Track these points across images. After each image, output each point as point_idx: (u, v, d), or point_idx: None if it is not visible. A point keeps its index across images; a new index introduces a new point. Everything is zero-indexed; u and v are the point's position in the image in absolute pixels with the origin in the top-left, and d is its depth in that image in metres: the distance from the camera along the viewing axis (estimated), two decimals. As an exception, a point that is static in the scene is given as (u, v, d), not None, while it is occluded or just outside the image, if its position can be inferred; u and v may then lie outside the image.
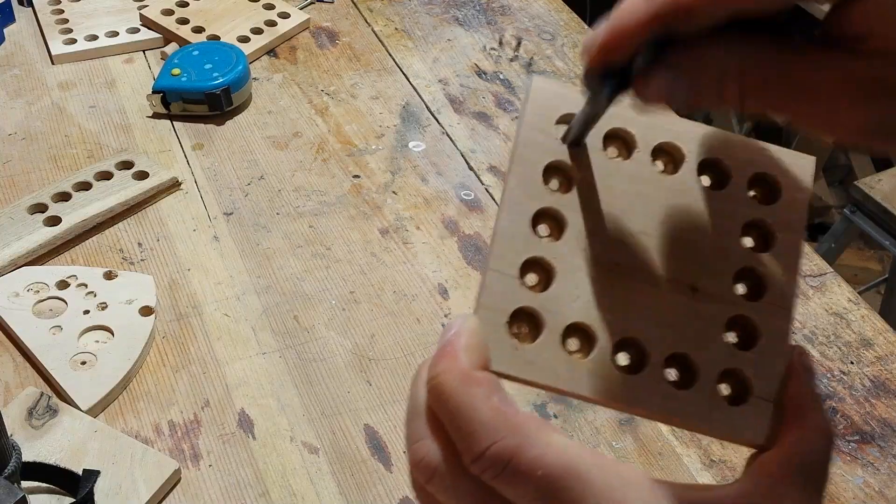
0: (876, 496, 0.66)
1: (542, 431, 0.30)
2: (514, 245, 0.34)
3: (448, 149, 0.94)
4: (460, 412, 0.30)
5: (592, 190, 0.36)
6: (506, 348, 0.33)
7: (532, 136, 0.36)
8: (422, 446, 0.32)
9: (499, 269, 0.34)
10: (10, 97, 0.95)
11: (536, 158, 0.35)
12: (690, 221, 0.36)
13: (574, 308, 0.34)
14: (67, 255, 0.79)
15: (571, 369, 0.33)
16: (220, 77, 0.93)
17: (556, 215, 0.35)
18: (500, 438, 0.30)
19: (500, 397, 0.31)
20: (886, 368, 0.75)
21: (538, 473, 0.29)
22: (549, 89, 0.36)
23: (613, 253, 0.35)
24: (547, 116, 0.36)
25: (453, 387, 0.31)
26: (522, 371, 0.33)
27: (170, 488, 0.63)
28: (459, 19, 1.12)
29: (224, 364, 0.72)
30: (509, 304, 0.34)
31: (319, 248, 0.82)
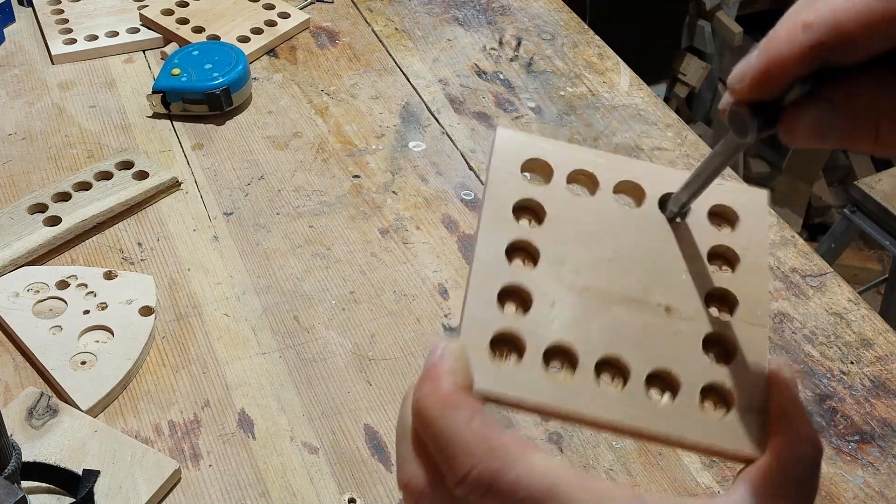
0: (876, 496, 0.66)
1: (524, 453, 0.30)
2: (491, 273, 0.36)
3: (448, 149, 0.94)
4: (442, 436, 0.31)
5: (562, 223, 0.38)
6: (489, 370, 0.34)
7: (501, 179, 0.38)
8: (408, 469, 0.32)
9: (478, 297, 0.36)
10: (10, 97, 0.95)
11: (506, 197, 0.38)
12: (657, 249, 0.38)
13: (553, 329, 0.35)
14: (67, 255, 0.79)
15: (555, 388, 0.34)
16: (220, 77, 0.93)
17: (529, 247, 0.37)
18: (481, 462, 0.30)
19: (481, 420, 0.31)
20: (886, 368, 0.75)
21: (520, 495, 0.30)
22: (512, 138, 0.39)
23: (587, 278, 0.36)
24: (512, 161, 0.38)
25: (435, 410, 0.31)
26: (506, 391, 0.34)
27: (170, 488, 0.63)
28: (459, 19, 1.12)
29: (224, 364, 0.72)
30: (490, 327, 0.35)
31: (319, 248, 0.82)
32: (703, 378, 0.35)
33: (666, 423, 0.34)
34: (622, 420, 0.34)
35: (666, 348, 0.36)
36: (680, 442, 0.34)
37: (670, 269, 0.37)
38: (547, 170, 0.39)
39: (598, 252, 0.37)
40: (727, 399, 0.35)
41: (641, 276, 0.37)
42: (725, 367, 0.36)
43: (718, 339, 0.36)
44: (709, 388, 0.35)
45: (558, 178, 0.38)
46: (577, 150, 0.39)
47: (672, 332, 0.36)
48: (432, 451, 0.31)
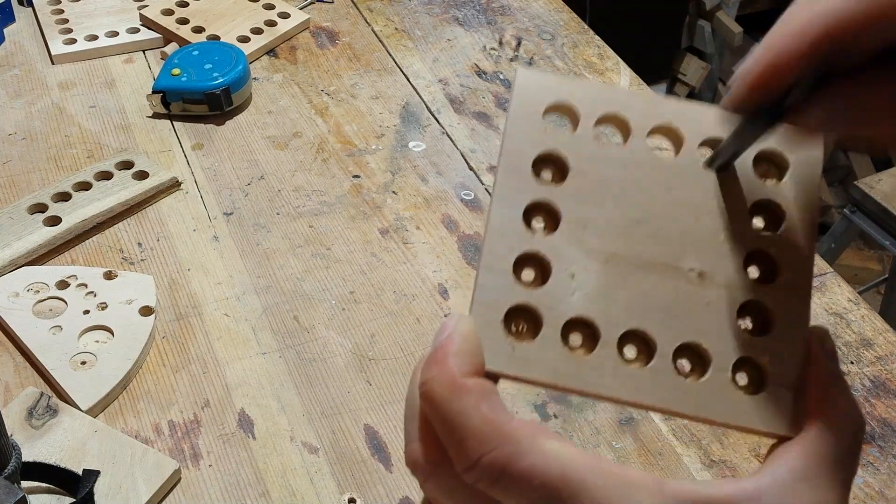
0: (876, 496, 0.66)
1: (536, 439, 0.29)
2: (506, 241, 0.33)
3: (448, 149, 0.94)
4: (450, 421, 0.30)
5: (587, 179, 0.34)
6: (502, 347, 0.32)
7: (520, 127, 0.34)
8: (415, 449, 0.31)
9: (492, 267, 0.33)
10: (10, 97, 0.95)
11: (526, 150, 0.34)
12: (694, 205, 0.34)
13: (573, 302, 0.33)
14: (67, 255, 0.79)
15: (574, 366, 0.32)
16: (220, 77, 0.93)
17: (550, 207, 0.34)
18: (491, 448, 0.29)
19: (490, 405, 0.30)
20: (886, 368, 0.75)
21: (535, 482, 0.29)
22: (534, 80, 0.35)
23: (612, 243, 0.33)
24: (534, 107, 0.35)
25: (442, 395, 0.30)
26: (520, 370, 0.32)
27: (170, 488, 0.63)
28: (459, 19, 1.12)
29: (224, 364, 0.72)
30: (504, 301, 0.32)
31: (319, 248, 0.82)
32: (735, 351, 0.33)
33: (694, 401, 0.32)
34: (647, 400, 0.32)
35: (697, 319, 0.33)
36: (709, 421, 0.32)
37: (707, 228, 0.34)
38: (573, 115, 0.35)
39: (625, 212, 0.34)
40: (762, 373, 0.33)
41: (674, 238, 0.33)
42: (761, 338, 0.33)
43: (755, 307, 0.33)
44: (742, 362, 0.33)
45: (585, 124, 0.35)
46: (607, 90, 0.35)
47: (704, 301, 0.33)
48: (441, 435, 0.30)
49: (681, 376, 0.32)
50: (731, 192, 0.34)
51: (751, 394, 0.32)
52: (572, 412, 0.70)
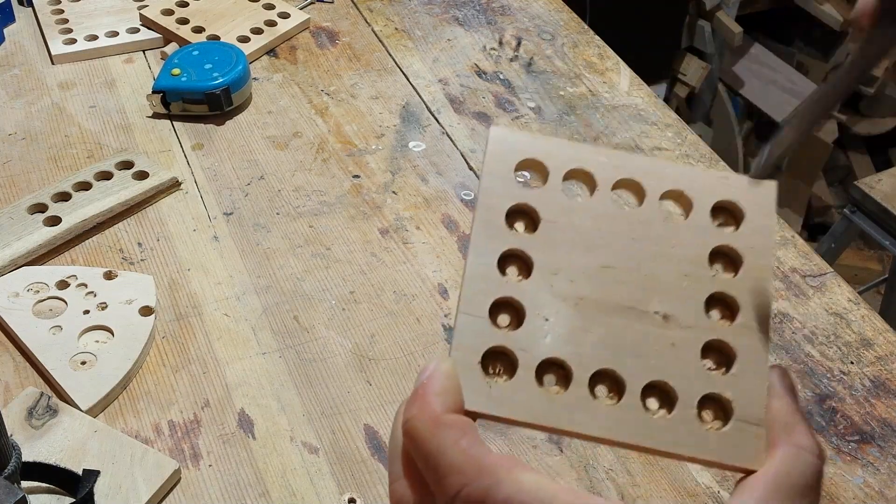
0: (876, 496, 0.66)
1: (513, 472, 0.30)
2: (482, 287, 0.35)
3: (448, 149, 0.94)
4: (431, 456, 0.31)
5: (557, 229, 0.36)
6: (480, 388, 0.34)
7: (493, 182, 0.37)
8: (399, 487, 0.33)
9: (469, 312, 0.35)
10: (10, 97, 0.95)
11: (499, 203, 0.37)
12: (656, 252, 0.36)
13: (546, 344, 0.35)
14: (67, 255, 0.79)
15: (548, 405, 0.34)
16: (220, 77, 0.93)
17: (523, 256, 0.36)
18: (471, 481, 0.30)
19: (469, 440, 0.31)
20: (886, 368, 0.75)
21: None
22: (506, 138, 0.38)
23: (581, 288, 0.36)
24: (506, 164, 0.37)
25: (424, 431, 0.31)
26: (497, 409, 0.33)
27: (170, 488, 0.63)
28: (459, 19, 1.12)
29: (224, 364, 0.72)
30: (482, 344, 0.34)
31: (319, 248, 0.82)
32: (700, 389, 0.35)
33: (663, 437, 0.34)
34: (617, 436, 0.34)
35: (663, 359, 0.35)
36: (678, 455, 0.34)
37: (670, 274, 0.36)
38: (543, 170, 0.38)
39: (593, 259, 0.36)
40: (726, 409, 0.35)
41: (639, 283, 0.36)
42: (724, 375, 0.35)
43: (718, 346, 0.36)
44: (707, 399, 0.35)
45: (554, 178, 0.37)
46: (574, 147, 0.38)
47: (669, 342, 0.35)
48: (423, 471, 0.32)
49: (649, 413, 0.34)
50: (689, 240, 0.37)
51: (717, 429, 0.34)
52: (572, 412, 0.70)
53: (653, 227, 0.37)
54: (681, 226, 0.37)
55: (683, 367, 0.35)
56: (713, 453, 0.34)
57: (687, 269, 0.36)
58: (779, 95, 2.34)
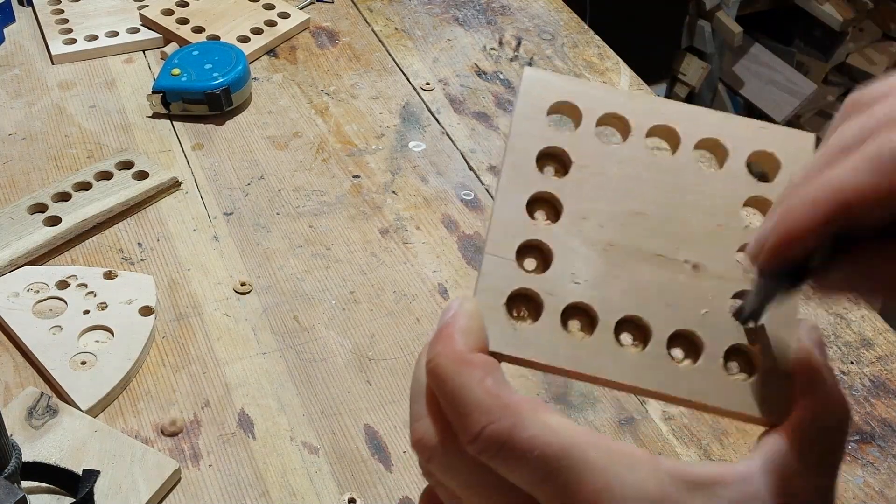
0: (876, 496, 0.66)
1: (537, 412, 0.30)
2: (510, 229, 0.35)
3: (448, 149, 0.94)
4: (455, 394, 0.31)
5: (588, 174, 0.36)
6: (504, 329, 0.33)
7: (525, 124, 0.36)
8: (420, 426, 0.32)
9: (496, 253, 0.34)
10: (10, 97, 0.95)
11: (530, 146, 0.36)
12: (689, 201, 0.36)
13: (573, 289, 0.34)
14: (67, 255, 0.79)
15: (572, 348, 0.33)
16: (220, 77, 0.93)
17: (552, 199, 0.35)
18: (494, 420, 0.30)
19: (494, 379, 0.31)
20: (886, 368, 0.75)
21: (534, 454, 0.29)
22: (540, 79, 0.37)
23: (610, 234, 0.35)
24: (539, 105, 0.36)
25: (449, 369, 0.31)
26: (521, 351, 0.33)
27: (170, 488, 0.63)
28: (459, 19, 1.12)
29: (224, 364, 0.72)
30: (507, 286, 0.34)
31: (319, 248, 0.82)
32: (727, 340, 0.34)
33: (686, 386, 0.33)
34: (641, 383, 0.33)
35: (690, 308, 0.34)
36: (701, 405, 0.33)
37: (702, 223, 0.35)
38: (576, 113, 0.37)
39: (624, 205, 0.35)
40: (752, 361, 0.34)
41: (670, 231, 0.35)
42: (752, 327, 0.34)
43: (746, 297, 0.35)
44: (733, 350, 0.34)
45: (587, 122, 0.36)
46: (609, 91, 0.37)
47: (698, 291, 0.34)
48: (445, 409, 0.31)
49: (674, 362, 0.34)
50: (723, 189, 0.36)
51: (741, 381, 0.34)
52: (572, 411, 0.70)
53: (686, 175, 0.36)
54: (715, 175, 0.36)
55: (711, 317, 0.34)
56: (737, 404, 0.33)
57: (719, 219, 0.35)
58: (779, 95, 2.34)
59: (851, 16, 2.32)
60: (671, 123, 0.37)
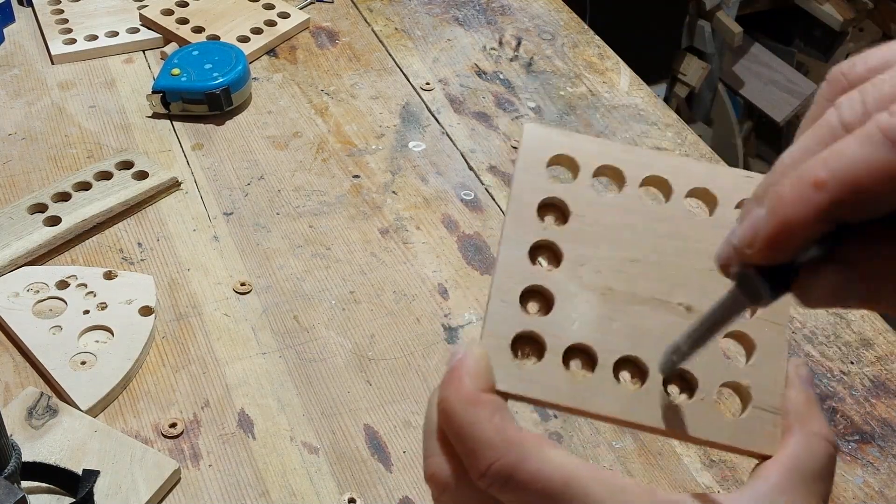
0: (876, 496, 0.66)
1: (540, 447, 0.32)
2: (514, 276, 0.37)
3: (448, 149, 0.94)
4: (465, 432, 0.32)
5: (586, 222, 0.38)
6: (510, 369, 0.35)
7: (526, 176, 0.38)
8: (433, 462, 0.34)
9: (502, 298, 0.36)
10: (10, 97, 0.95)
11: (531, 197, 0.38)
12: (681, 247, 0.38)
13: (573, 330, 0.36)
14: (67, 255, 0.79)
15: (574, 387, 0.35)
16: (219, 77, 0.93)
17: (552, 247, 0.38)
18: (501, 456, 0.32)
19: (501, 417, 0.33)
20: (886, 368, 0.75)
21: (538, 486, 0.31)
22: (540, 134, 0.39)
23: (608, 278, 0.37)
24: (539, 158, 0.38)
25: (458, 408, 0.33)
26: (526, 389, 0.35)
27: (170, 488, 0.63)
28: (459, 19, 1.12)
29: (224, 364, 0.72)
30: (512, 329, 0.36)
31: (319, 248, 0.82)
32: (720, 377, 0.36)
33: (683, 421, 0.35)
34: (638, 419, 0.35)
35: None
36: (696, 440, 0.35)
37: (693, 268, 0.38)
38: (574, 166, 0.39)
39: (620, 251, 0.38)
40: (744, 397, 0.36)
41: (664, 276, 0.37)
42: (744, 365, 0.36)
43: (738, 337, 0.37)
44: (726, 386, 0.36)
45: (584, 174, 0.39)
46: (604, 145, 0.39)
47: None
48: (456, 447, 0.33)
49: (670, 398, 0.36)
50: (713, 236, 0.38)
51: (735, 415, 0.36)
52: (574, 419, 0.70)
53: (678, 223, 0.38)
54: (705, 222, 0.38)
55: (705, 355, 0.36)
56: (730, 438, 0.35)
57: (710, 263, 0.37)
58: (779, 95, 2.34)
59: (851, 16, 2.32)
60: (663, 174, 0.39)
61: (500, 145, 0.94)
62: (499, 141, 0.95)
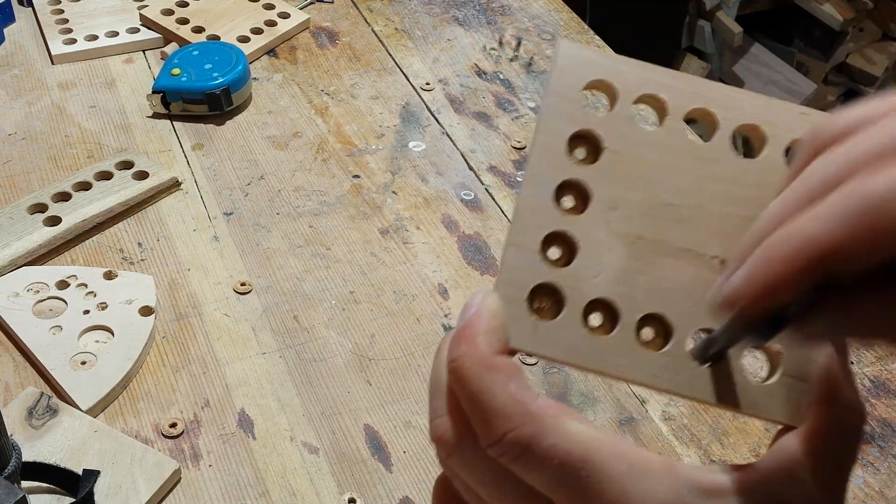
0: (876, 496, 0.66)
1: (559, 419, 0.30)
2: (535, 219, 0.33)
3: (448, 149, 0.94)
4: (478, 398, 0.31)
5: (620, 160, 0.34)
6: (525, 325, 0.32)
7: (558, 104, 0.34)
8: (441, 423, 0.32)
9: (519, 244, 0.33)
10: (10, 97, 0.95)
11: (562, 128, 0.34)
12: (723, 192, 0.34)
13: (597, 283, 0.33)
14: (67, 255, 0.79)
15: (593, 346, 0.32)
16: (220, 77, 0.93)
17: (581, 187, 0.33)
18: (516, 426, 0.30)
19: (517, 384, 0.31)
20: (886, 368, 0.75)
21: (555, 462, 0.30)
22: (576, 55, 0.34)
23: (639, 225, 0.33)
24: (574, 83, 0.34)
25: (472, 372, 0.31)
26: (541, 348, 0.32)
27: (170, 488, 0.63)
28: (459, 19, 1.12)
29: (224, 364, 0.72)
30: (530, 279, 0.32)
31: (319, 248, 0.82)
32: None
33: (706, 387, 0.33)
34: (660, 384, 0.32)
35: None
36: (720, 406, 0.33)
37: (733, 217, 0.34)
38: (612, 93, 0.34)
39: (655, 195, 0.34)
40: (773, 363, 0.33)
41: (700, 224, 0.33)
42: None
43: None
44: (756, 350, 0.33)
45: (623, 103, 0.34)
46: (648, 69, 0.35)
47: None
48: (468, 411, 0.31)
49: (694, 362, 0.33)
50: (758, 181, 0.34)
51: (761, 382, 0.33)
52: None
53: (722, 164, 0.34)
54: (751, 164, 0.34)
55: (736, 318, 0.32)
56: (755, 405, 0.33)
57: (751, 211, 0.33)
58: (779, 95, 2.34)
59: (851, 16, 2.32)
60: (710, 107, 0.35)
61: (500, 145, 0.94)
62: (499, 141, 0.95)
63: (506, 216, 0.86)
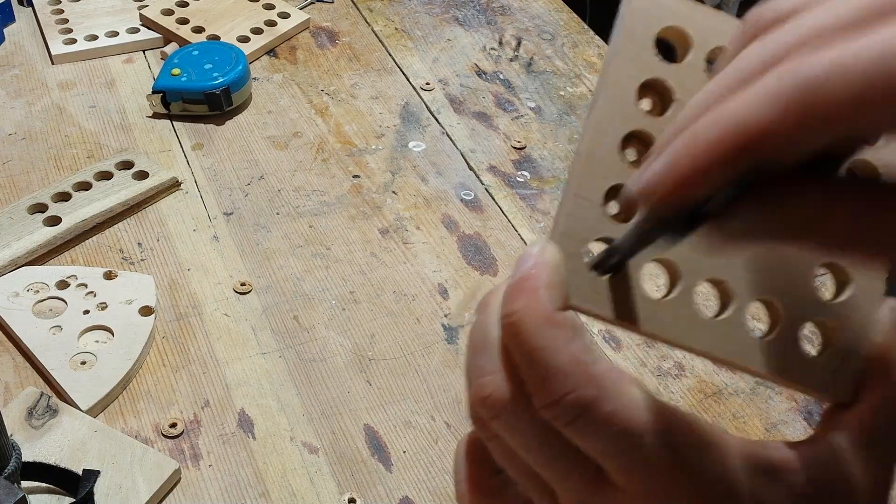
0: (876, 496, 0.66)
1: (622, 384, 0.29)
2: (600, 169, 0.31)
3: (448, 149, 0.94)
4: (537, 356, 0.29)
5: None
6: (584, 281, 0.30)
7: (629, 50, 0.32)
8: (490, 382, 0.30)
9: (583, 195, 0.31)
10: (10, 97, 0.95)
11: (631, 75, 0.32)
12: None
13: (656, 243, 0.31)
14: (67, 255, 0.79)
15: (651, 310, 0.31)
16: (220, 77, 0.93)
17: (647, 139, 0.32)
18: (576, 388, 0.28)
19: (580, 343, 0.29)
20: None
21: (614, 428, 0.28)
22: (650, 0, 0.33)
23: None
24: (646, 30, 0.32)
25: (533, 328, 0.29)
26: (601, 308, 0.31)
27: (170, 488, 0.63)
28: (459, 19, 1.12)
29: (224, 364, 0.72)
30: (590, 233, 0.31)
31: (319, 248, 0.82)
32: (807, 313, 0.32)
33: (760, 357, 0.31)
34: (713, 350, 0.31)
35: (775, 276, 0.32)
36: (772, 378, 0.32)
37: None
38: (685, 43, 0.33)
39: None
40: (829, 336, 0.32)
41: None
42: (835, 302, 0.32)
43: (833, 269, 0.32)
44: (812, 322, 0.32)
45: (697, 54, 0.32)
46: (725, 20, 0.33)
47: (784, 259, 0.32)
48: (524, 369, 0.30)
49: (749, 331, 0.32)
50: None
51: (816, 356, 0.32)
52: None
53: None
54: None
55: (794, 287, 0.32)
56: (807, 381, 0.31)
57: None
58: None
59: (851, 16, 2.31)
60: None
61: (500, 145, 0.94)
62: (499, 141, 0.95)
63: (506, 216, 0.86)
